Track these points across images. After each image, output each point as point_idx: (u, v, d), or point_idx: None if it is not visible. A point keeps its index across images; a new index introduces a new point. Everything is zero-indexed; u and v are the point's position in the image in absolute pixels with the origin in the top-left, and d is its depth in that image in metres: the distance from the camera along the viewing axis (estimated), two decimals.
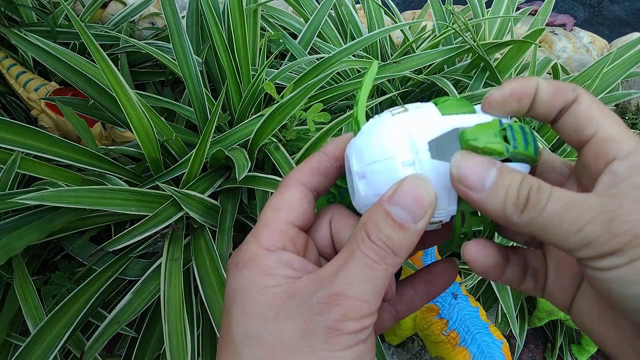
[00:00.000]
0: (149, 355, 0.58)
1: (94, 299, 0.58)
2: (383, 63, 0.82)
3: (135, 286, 0.58)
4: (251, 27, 0.82)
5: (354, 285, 0.19)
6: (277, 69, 0.80)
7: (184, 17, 0.83)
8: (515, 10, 1.06)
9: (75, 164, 0.59)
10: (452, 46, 0.86)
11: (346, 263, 0.20)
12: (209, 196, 0.62)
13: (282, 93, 0.69)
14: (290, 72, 0.81)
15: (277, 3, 1.18)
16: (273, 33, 0.89)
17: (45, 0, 0.93)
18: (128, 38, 0.80)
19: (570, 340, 0.92)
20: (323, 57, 0.79)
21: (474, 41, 0.81)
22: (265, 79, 0.73)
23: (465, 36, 0.82)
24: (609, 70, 0.92)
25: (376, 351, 0.63)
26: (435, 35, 0.95)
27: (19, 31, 0.71)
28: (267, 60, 0.75)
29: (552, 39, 1.40)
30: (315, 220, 0.25)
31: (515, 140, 0.20)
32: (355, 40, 0.82)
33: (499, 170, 0.19)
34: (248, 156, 0.61)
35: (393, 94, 0.81)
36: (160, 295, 0.54)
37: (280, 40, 0.89)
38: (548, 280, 0.23)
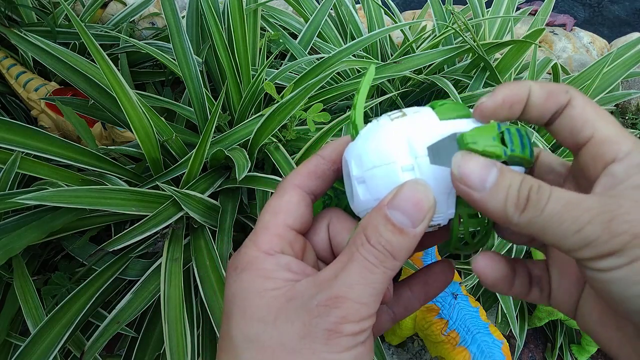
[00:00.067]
0: (149, 355, 0.58)
1: (94, 299, 0.58)
2: (383, 63, 0.82)
3: (135, 286, 0.58)
4: (251, 27, 0.82)
5: (353, 288, 0.19)
6: (277, 69, 0.80)
7: (184, 17, 0.83)
8: (515, 10, 1.06)
9: (75, 164, 0.59)
10: (452, 46, 0.86)
11: (346, 266, 0.20)
12: (209, 196, 0.62)
13: (282, 93, 0.69)
14: (290, 72, 0.81)
15: (277, 3, 1.18)
16: (273, 33, 0.89)
17: (45, 0, 0.93)
18: (128, 38, 0.80)
19: (570, 340, 0.92)
20: (323, 57, 0.79)
21: (474, 41, 0.81)
22: (265, 79, 0.73)
23: (465, 36, 0.82)
24: (609, 70, 0.92)
25: (376, 351, 0.63)
26: (435, 35, 0.95)
27: (19, 31, 0.71)
28: (267, 60, 0.75)
29: (552, 39, 1.40)
30: (313, 224, 0.25)
31: (512, 143, 0.20)
32: (355, 40, 0.82)
33: (499, 170, 0.19)
34: (248, 156, 0.61)
35: (393, 94, 0.81)
36: (160, 295, 0.54)
37: (280, 40, 0.89)
38: (552, 287, 0.23)
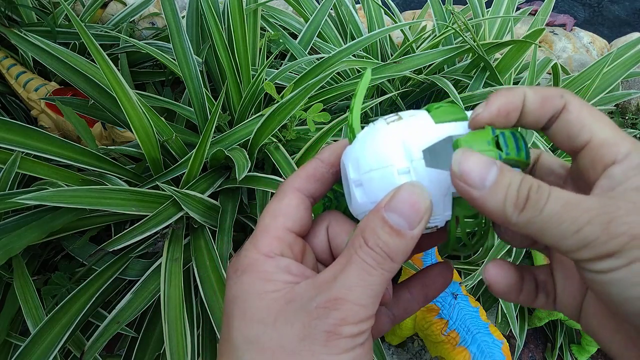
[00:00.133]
0: (149, 355, 0.58)
1: (94, 299, 0.58)
2: (383, 63, 0.82)
3: (135, 286, 0.58)
4: (251, 27, 0.82)
5: (352, 290, 0.19)
6: (277, 69, 0.80)
7: (184, 17, 0.83)
8: (515, 10, 1.06)
9: (75, 164, 0.59)
10: (452, 46, 0.86)
11: (344, 268, 0.20)
12: (209, 196, 0.62)
13: (282, 93, 0.69)
14: (290, 72, 0.81)
15: (277, 3, 1.18)
16: (273, 33, 0.89)
17: (45, 0, 0.93)
18: (128, 38, 0.80)
19: (570, 340, 0.92)
20: (323, 57, 0.79)
21: (474, 41, 0.81)
22: (265, 79, 0.73)
23: (465, 36, 0.82)
24: (609, 70, 0.92)
25: (376, 351, 0.63)
26: (435, 35, 0.95)
27: (19, 31, 0.71)
28: (267, 60, 0.75)
29: (552, 39, 1.40)
30: (312, 227, 0.25)
31: (507, 147, 0.20)
32: (355, 40, 0.82)
33: (499, 169, 0.19)
34: (248, 156, 0.61)
35: (393, 94, 0.81)
36: (160, 295, 0.54)
37: (280, 40, 0.89)
38: (557, 291, 0.23)
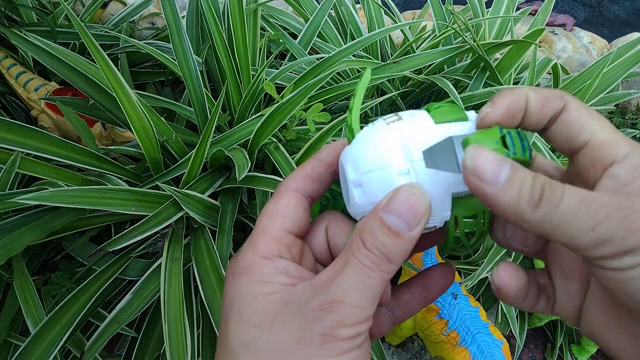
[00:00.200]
0: (149, 355, 0.58)
1: (94, 299, 0.58)
2: (383, 63, 0.82)
3: (135, 286, 0.58)
4: (251, 27, 0.82)
5: (349, 292, 0.19)
6: (277, 69, 0.80)
7: (184, 17, 0.83)
8: (515, 10, 1.06)
9: (75, 164, 0.59)
10: (452, 46, 0.86)
11: (342, 270, 0.20)
12: (209, 196, 0.62)
13: (282, 93, 0.69)
14: (290, 72, 0.81)
15: (277, 3, 1.18)
16: (273, 33, 0.89)
17: (45, 0, 0.93)
18: (128, 38, 0.80)
19: (570, 340, 0.92)
20: (323, 57, 0.79)
21: (474, 41, 0.81)
22: (265, 79, 0.73)
23: (465, 36, 0.82)
24: (609, 70, 0.92)
25: (376, 351, 0.63)
26: (435, 35, 0.95)
27: (19, 31, 0.71)
28: (267, 60, 0.75)
29: (552, 39, 1.40)
30: (311, 227, 0.25)
31: (514, 146, 0.20)
32: (355, 40, 0.82)
33: (511, 166, 0.18)
34: (248, 156, 0.61)
35: (393, 94, 0.81)
36: (160, 295, 0.54)
37: (280, 40, 0.89)
38: (556, 295, 0.23)
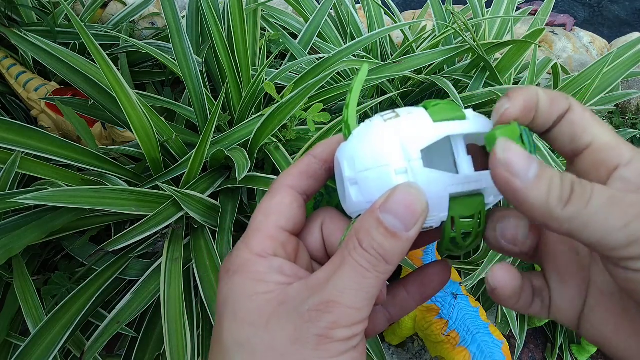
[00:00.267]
0: (149, 355, 0.58)
1: (94, 299, 0.58)
2: (383, 63, 0.81)
3: (135, 286, 0.58)
4: (251, 27, 0.82)
5: (345, 293, 0.19)
6: (277, 69, 0.80)
7: (184, 17, 0.83)
8: (515, 10, 1.06)
9: (75, 164, 0.59)
10: (452, 46, 0.86)
11: (338, 270, 0.20)
12: (209, 196, 0.62)
13: (282, 93, 0.69)
14: (290, 72, 0.81)
15: (277, 3, 1.18)
16: (273, 33, 0.89)
17: (45, 0, 0.93)
18: (128, 38, 0.80)
19: (570, 340, 0.92)
20: (323, 57, 0.79)
21: (474, 41, 0.81)
22: (265, 79, 0.73)
23: (465, 36, 0.82)
24: (609, 70, 0.92)
25: (376, 351, 0.63)
26: (435, 35, 0.95)
27: (19, 31, 0.71)
28: (267, 60, 0.75)
29: (552, 39, 1.40)
30: (306, 224, 0.24)
31: (530, 144, 0.20)
32: (355, 40, 0.82)
33: (539, 163, 0.18)
34: (248, 156, 0.61)
35: (393, 94, 0.81)
36: (160, 295, 0.54)
37: (280, 40, 0.89)
38: (552, 298, 0.23)
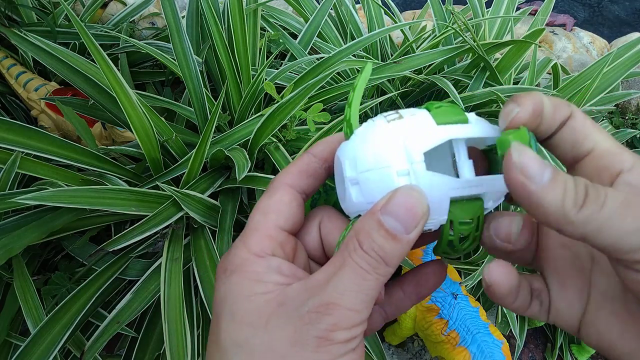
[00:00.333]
0: (149, 355, 0.58)
1: (94, 299, 0.58)
2: (383, 63, 0.81)
3: (135, 286, 0.58)
4: (251, 27, 0.82)
5: (345, 295, 0.19)
6: (277, 69, 0.80)
7: (184, 17, 0.83)
8: (515, 10, 1.06)
9: (75, 164, 0.59)
10: (452, 46, 0.86)
11: (338, 272, 0.19)
12: (209, 196, 0.62)
13: (282, 93, 0.69)
14: (290, 72, 0.81)
15: (277, 3, 1.18)
16: (273, 33, 0.89)
17: (45, 0, 0.93)
18: (128, 38, 0.80)
19: (570, 340, 0.92)
20: (323, 57, 0.79)
21: (474, 41, 0.81)
22: (265, 79, 0.73)
23: (465, 36, 0.82)
24: (609, 70, 0.92)
25: (376, 351, 0.63)
26: (435, 35, 0.95)
27: (19, 31, 0.71)
28: (267, 60, 0.75)
29: (552, 39, 1.40)
30: (304, 224, 0.24)
31: (537, 150, 0.20)
32: (355, 40, 0.82)
33: (553, 167, 0.18)
34: (248, 156, 0.61)
35: (393, 94, 0.81)
36: (160, 295, 0.54)
37: (280, 40, 0.89)
38: (552, 301, 0.23)
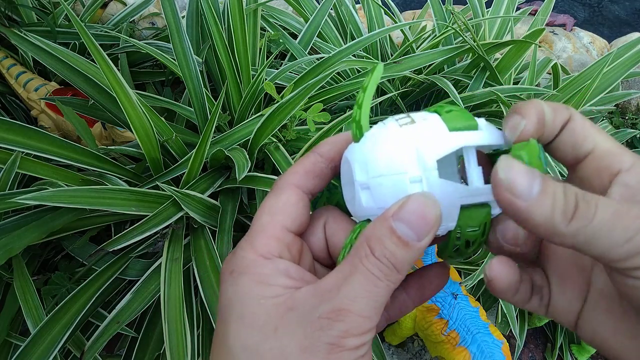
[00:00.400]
0: (149, 355, 0.58)
1: (94, 299, 0.58)
2: (383, 63, 0.82)
3: (135, 286, 0.58)
4: (251, 27, 0.82)
5: (356, 301, 0.19)
6: (277, 69, 0.80)
7: (184, 17, 0.83)
8: (515, 10, 1.06)
9: (75, 164, 0.59)
10: (452, 46, 0.86)
11: (349, 278, 0.19)
12: (209, 196, 0.62)
13: (282, 93, 0.69)
14: (290, 72, 0.81)
15: (277, 3, 1.18)
16: (273, 33, 0.89)
17: (45, 0, 0.93)
18: (128, 38, 0.80)
19: (570, 340, 0.92)
20: (323, 57, 0.79)
21: (474, 41, 0.81)
22: (265, 79, 0.73)
23: (465, 36, 0.82)
24: (609, 70, 0.92)
25: (376, 351, 0.63)
26: (435, 35, 0.95)
27: (19, 31, 0.71)
28: (267, 60, 0.75)
29: (552, 39, 1.40)
30: (309, 224, 0.24)
31: (544, 159, 0.20)
32: (355, 40, 0.82)
33: (542, 178, 0.18)
34: (248, 156, 0.61)
35: (393, 94, 0.81)
36: (160, 295, 0.54)
37: (280, 40, 0.89)
38: (552, 296, 0.23)
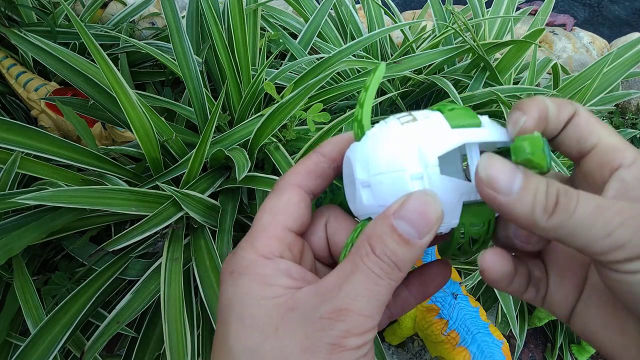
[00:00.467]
0: (149, 355, 0.58)
1: (94, 299, 0.58)
2: (384, 63, 0.82)
3: (135, 286, 0.58)
4: (251, 27, 0.82)
5: (357, 300, 0.19)
6: (277, 69, 0.80)
7: (184, 17, 0.83)
8: (515, 10, 1.06)
9: (75, 164, 0.59)
10: (452, 46, 0.86)
11: (350, 277, 0.19)
12: (209, 196, 0.62)
13: (282, 93, 0.69)
14: (290, 72, 0.81)
15: (277, 3, 1.18)
16: (273, 33, 0.89)
17: (45, 0, 0.93)
18: (128, 38, 0.80)
19: (570, 340, 0.92)
20: (323, 57, 0.79)
21: (474, 41, 0.81)
22: (265, 79, 0.73)
23: (465, 36, 0.82)
24: (609, 70, 0.92)
25: (376, 351, 0.63)
26: (435, 35, 0.95)
27: (19, 31, 0.71)
28: (267, 60, 0.75)
29: (552, 39, 1.40)
30: (310, 223, 0.24)
31: (548, 154, 0.20)
32: (355, 40, 0.82)
33: (524, 174, 0.18)
34: (248, 156, 0.61)
35: (393, 93, 0.81)
36: (160, 295, 0.54)
37: (280, 40, 0.89)
38: (549, 289, 0.23)
